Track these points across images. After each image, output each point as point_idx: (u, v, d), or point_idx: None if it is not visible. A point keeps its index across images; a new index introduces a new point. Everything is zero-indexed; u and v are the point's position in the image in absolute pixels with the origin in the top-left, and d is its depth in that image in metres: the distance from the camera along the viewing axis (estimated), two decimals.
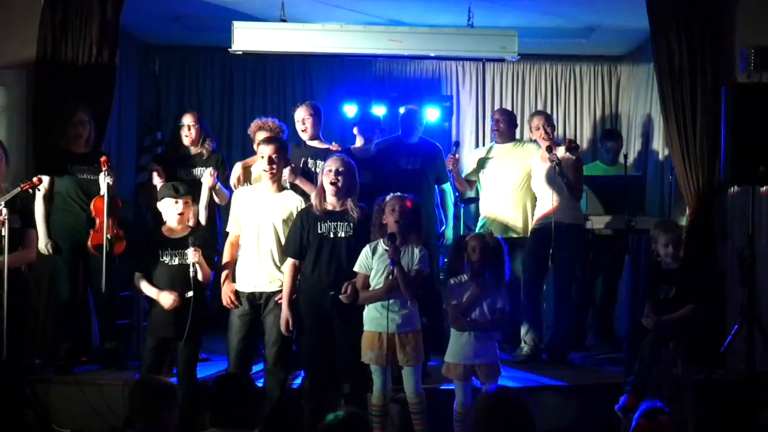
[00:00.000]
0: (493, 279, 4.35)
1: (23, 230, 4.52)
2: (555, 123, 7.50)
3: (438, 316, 5.35)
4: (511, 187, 5.75)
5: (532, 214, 5.75)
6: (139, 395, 3.21)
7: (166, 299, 4.40)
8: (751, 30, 5.45)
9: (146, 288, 4.49)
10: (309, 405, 4.46)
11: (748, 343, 4.85)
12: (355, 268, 4.31)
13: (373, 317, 4.27)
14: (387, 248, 4.17)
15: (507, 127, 5.86)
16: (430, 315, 4.97)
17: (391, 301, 4.21)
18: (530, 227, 5.72)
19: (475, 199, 6.26)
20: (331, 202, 4.43)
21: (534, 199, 5.73)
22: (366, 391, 4.43)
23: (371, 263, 4.29)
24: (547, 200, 5.54)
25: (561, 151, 5.55)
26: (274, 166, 4.53)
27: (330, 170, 4.40)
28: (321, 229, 4.40)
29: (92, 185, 5.03)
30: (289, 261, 4.46)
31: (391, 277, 4.18)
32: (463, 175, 5.89)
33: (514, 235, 5.71)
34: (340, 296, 4.26)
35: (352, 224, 4.39)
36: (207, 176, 5.16)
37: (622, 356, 5.50)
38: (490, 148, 5.92)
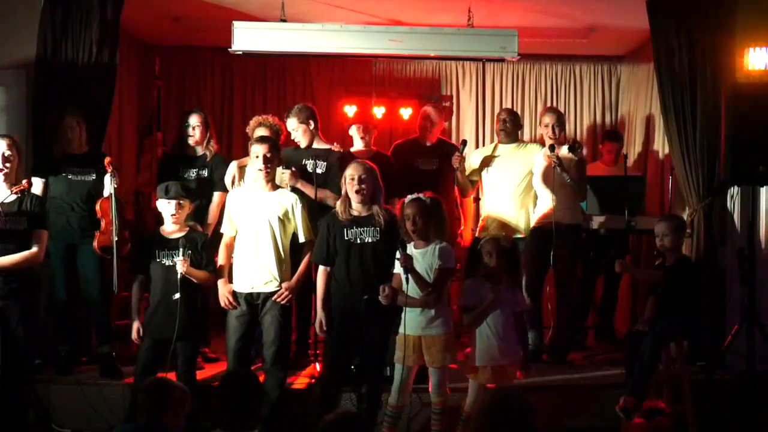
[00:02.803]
0: (510, 282, 4.37)
1: (30, 231, 4.50)
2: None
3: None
4: (515, 187, 5.74)
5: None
6: (149, 395, 3.21)
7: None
8: (751, 30, 5.45)
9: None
10: (318, 409, 4.40)
11: (748, 343, 4.86)
12: (394, 270, 4.30)
13: (406, 320, 4.27)
14: (398, 258, 4.17)
15: (513, 128, 5.87)
16: None
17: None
18: (531, 226, 5.71)
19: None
20: (356, 208, 4.44)
21: (536, 200, 5.74)
22: (382, 391, 4.44)
23: None
24: (548, 199, 5.54)
25: (564, 150, 5.56)
26: (269, 165, 4.53)
27: (353, 178, 4.39)
28: (347, 236, 4.40)
29: (85, 187, 5.03)
30: (321, 268, 4.50)
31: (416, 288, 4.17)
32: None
33: (519, 236, 5.70)
34: (380, 297, 4.21)
35: (378, 229, 4.39)
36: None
37: (622, 356, 5.49)
38: (495, 147, 5.90)
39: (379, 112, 7.00)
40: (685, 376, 4.63)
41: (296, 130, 5.30)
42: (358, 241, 4.40)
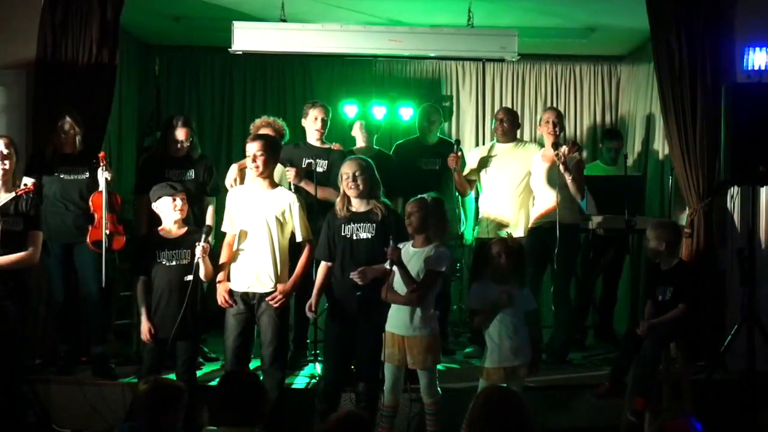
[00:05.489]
0: (519, 282, 4.36)
1: (25, 233, 4.50)
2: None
3: (445, 318, 5.35)
4: (513, 187, 5.72)
5: None
6: (145, 396, 3.22)
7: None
8: (751, 30, 5.45)
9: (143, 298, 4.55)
10: (322, 405, 4.45)
11: (748, 343, 4.86)
12: (387, 265, 4.26)
13: (390, 316, 4.28)
14: (386, 248, 4.17)
15: (510, 127, 5.84)
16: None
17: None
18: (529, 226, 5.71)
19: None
20: (355, 204, 4.45)
21: (534, 200, 5.73)
22: (379, 390, 4.44)
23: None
24: (546, 199, 5.53)
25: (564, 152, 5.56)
26: (258, 164, 4.49)
27: (347, 175, 4.41)
28: (344, 232, 4.42)
29: (78, 186, 5.02)
30: (322, 263, 4.52)
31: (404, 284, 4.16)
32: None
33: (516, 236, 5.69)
34: (351, 275, 4.26)
35: (374, 225, 4.39)
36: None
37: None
38: (492, 146, 5.88)
39: (379, 112, 7.00)
40: (685, 376, 4.62)
41: (325, 120, 5.35)
42: (354, 238, 4.41)
